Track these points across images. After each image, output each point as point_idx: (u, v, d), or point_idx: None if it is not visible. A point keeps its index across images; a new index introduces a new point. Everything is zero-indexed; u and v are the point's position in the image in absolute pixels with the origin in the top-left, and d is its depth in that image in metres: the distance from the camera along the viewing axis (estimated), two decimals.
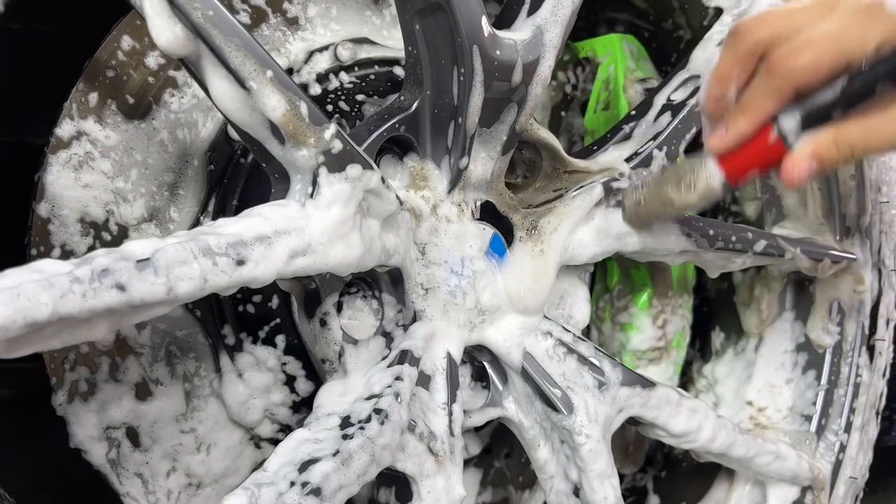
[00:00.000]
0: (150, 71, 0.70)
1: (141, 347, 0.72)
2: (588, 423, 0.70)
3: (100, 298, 0.44)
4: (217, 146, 0.71)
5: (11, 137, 0.83)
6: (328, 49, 0.76)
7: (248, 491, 0.52)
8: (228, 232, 0.50)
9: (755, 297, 0.98)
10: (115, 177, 0.69)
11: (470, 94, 0.63)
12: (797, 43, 0.54)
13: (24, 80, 0.82)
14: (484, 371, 0.75)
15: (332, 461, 0.54)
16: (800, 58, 0.54)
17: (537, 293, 0.72)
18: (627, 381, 0.74)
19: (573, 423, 0.70)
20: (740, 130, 0.59)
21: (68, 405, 0.68)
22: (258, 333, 0.74)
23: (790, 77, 0.54)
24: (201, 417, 0.75)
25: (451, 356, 0.67)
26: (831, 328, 0.94)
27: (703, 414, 0.80)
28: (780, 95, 0.56)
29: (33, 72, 0.83)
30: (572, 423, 0.70)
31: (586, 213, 0.72)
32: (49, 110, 0.68)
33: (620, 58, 0.91)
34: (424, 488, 0.61)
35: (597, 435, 0.71)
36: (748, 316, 0.99)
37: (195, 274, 0.48)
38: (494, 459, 0.92)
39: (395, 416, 0.58)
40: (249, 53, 0.55)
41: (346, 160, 0.57)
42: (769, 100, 0.57)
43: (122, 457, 0.71)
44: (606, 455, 0.72)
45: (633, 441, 1.00)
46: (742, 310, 1.00)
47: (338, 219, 0.56)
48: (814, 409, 0.93)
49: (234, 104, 0.56)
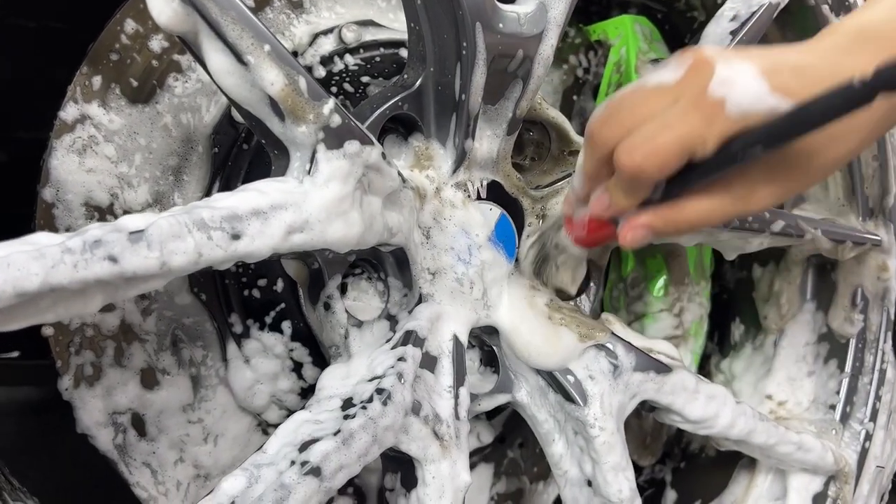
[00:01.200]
0: (153, 54, 0.69)
1: (146, 334, 0.71)
2: (602, 415, 0.69)
3: (91, 269, 0.44)
4: (221, 129, 0.71)
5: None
6: (332, 32, 0.75)
7: (247, 472, 0.51)
8: (223, 205, 0.49)
9: (774, 292, 0.96)
10: (119, 161, 0.69)
11: (472, 71, 0.62)
12: (638, 140, 0.53)
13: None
14: (493, 355, 0.73)
15: (332, 440, 0.53)
16: (642, 155, 0.53)
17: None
18: (641, 366, 0.72)
19: (587, 415, 0.68)
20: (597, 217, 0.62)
21: (74, 390, 0.68)
22: (265, 319, 0.73)
23: (637, 174, 0.54)
24: (209, 408, 0.74)
25: (457, 339, 0.66)
26: (854, 317, 0.92)
27: (722, 400, 0.78)
28: (635, 193, 0.56)
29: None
30: (586, 415, 0.68)
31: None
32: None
33: (632, 39, 0.89)
34: (429, 473, 0.60)
35: (611, 427, 0.69)
36: (767, 311, 0.97)
37: (189, 248, 0.47)
38: (508, 449, 0.91)
39: (398, 397, 0.57)
40: (246, 27, 0.54)
41: (344, 136, 0.56)
42: (627, 199, 0.57)
43: (129, 445, 0.70)
44: (621, 447, 0.70)
45: (650, 432, 0.98)
46: (761, 305, 0.98)
47: (336, 196, 0.55)
48: (837, 399, 0.90)
49: (233, 80, 0.55)
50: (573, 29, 0.92)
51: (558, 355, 0.70)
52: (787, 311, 0.95)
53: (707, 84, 0.51)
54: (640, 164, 0.53)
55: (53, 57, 0.82)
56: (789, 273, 0.95)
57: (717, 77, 0.51)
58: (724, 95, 0.51)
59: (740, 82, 0.51)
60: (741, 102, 0.50)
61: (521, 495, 0.92)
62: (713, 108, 0.51)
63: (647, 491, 1.02)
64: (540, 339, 0.70)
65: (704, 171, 0.54)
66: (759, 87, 0.50)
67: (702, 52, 0.53)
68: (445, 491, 0.60)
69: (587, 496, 0.70)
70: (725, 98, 0.51)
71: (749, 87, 0.50)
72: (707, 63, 0.52)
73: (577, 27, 0.92)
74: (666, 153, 0.52)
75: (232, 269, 0.73)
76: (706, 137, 0.51)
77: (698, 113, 0.51)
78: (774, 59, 0.52)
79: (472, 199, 0.68)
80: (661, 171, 0.53)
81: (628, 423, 0.99)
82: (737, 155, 0.52)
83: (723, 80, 0.51)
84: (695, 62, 0.53)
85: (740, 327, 1.01)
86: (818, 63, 0.52)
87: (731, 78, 0.51)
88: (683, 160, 0.53)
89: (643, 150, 0.53)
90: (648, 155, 0.52)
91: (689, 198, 0.55)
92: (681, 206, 0.56)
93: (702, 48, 0.54)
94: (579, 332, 0.70)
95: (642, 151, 0.53)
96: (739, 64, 0.51)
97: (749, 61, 0.52)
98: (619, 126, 0.55)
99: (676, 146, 0.52)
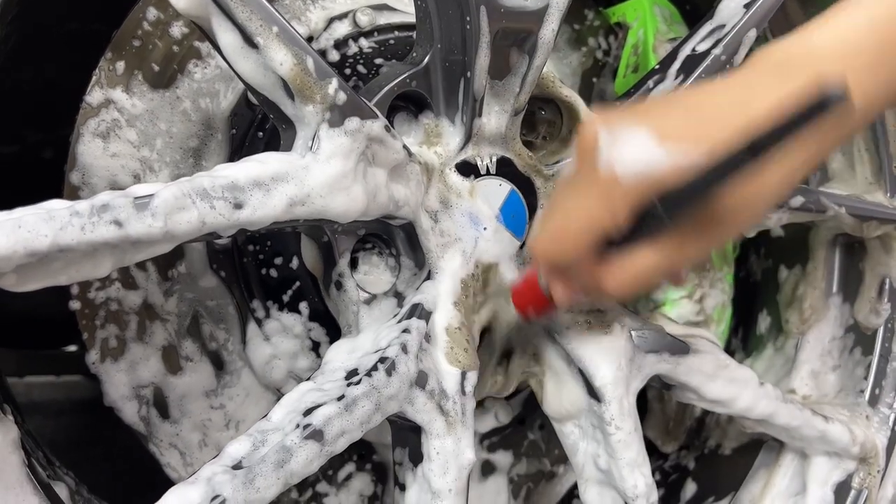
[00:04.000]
0: (174, 40, 0.72)
1: (168, 314, 0.74)
2: (619, 414, 0.68)
3: (97, 232, 0.46)
4: (238, 110, 0.73)
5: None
6: (347, 16, 0.77)
7: (252, 437, 0.53)
8: (224, 174, 0.51)
9: (798, 296, 0.94)
10: (141, 146, 0.71)
11: (477, 53, 0.63)
12: (547, 236, 0.54)
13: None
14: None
15: (335, 405, 0.54)
16: (554, 251, 0.53)
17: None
18: (653, 346, 0.71)
19: (603, 412, 0.68)
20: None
21: (101, 364, 0.71)
22: (283, 298, 0.75)
23: (556, 263, 0.54)
24: (231, 394, 0.77)
25: None
26: (881, 308, 0.89)
27: (743, 383, 0.76)
28: (569, 279, 0.56)
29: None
30: (602, 412, 0.68)
31: None
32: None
33: (651, 20, 0.89)
34: (433, 448, 0.60)
35: (628, 427, 0.68)
36: (790, 315, 0.95)
37: (193, 217, 0.49)
38: (528, 430, 0.91)
39: (402, 368, 0.58)
40: (255, 8, 0.56)
41: (347, 112, 0.57)
42: (565, 288, 0.57)
43: (152, 425, 0.73)
44: (637, 444, 0.69)
45: (673, 416, 0.97)
46: (784, 309, 0.96)
47: (338, 172, 0.56)
48: (865, 384, 0.88)
49: (248, 64, 0.57)
50: (592, 12, 0.92)
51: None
52: (809, 315, 0.93)
53: (596, 163, 0.49)
54: (550, 254, 0.54)
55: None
56: (815, 276, 0.92)
57: (601, 152, 0.48)
58: (614, 167, 0.48)
59: (625, 148, 0.48)
60: (632, 168, 0.47)
61: (541, 476, 0.93)
62: (608, 184, 0.48)
63: (671, 476, 1.00)
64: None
65: (634, 238, 0.51)
66: (646, 144, 0.47)
67: (586, 129, 0.50)
68: (449, 467, 0.60)
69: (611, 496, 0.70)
70: (615, 170, 0.48)
71: (635, 150, 0.47)
72: (590, 140, 0.49)
73: (595, 10, 0.92)
74: (576, 242, 0.51)
75: (250, 249, 0.75)
76: (614, 215, 0.49)
77: (595, 192, 0.49)
78: (666, 109, 0.49)
79: (481, 176, 0.68)
80: (572, 258, 0.53)
81: (651, 407, 1.00)
82: (654, 222, 0.49)
83: (608, 152, 0.48)
84: (581, 145, 0.50)
85: (767, 319, 0.99)
86: (721, 101, 0.49)
87: (616, 146, 0.48)
88: (600, 242, 0.51)
89: (548, 241, 0.53)
90: (554, 244, 0.53)
91: (625, 259, 0.52)
92: (608, 271, 0.53)
93: (586, 122, 0.52)
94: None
95: (548, 242, 0.53)
96: (622, 124, 0.48)
97: (633, 118, 0.49)
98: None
99: (585, 233, 0.51)
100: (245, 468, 0.50)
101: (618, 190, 0.48)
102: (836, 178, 0.89)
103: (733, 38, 0.71)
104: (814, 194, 0.78)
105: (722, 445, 0.96)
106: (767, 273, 1.00)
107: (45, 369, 1.24)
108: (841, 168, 0.89)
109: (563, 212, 0.53)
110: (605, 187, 0.49)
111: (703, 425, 1.00)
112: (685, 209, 0.48)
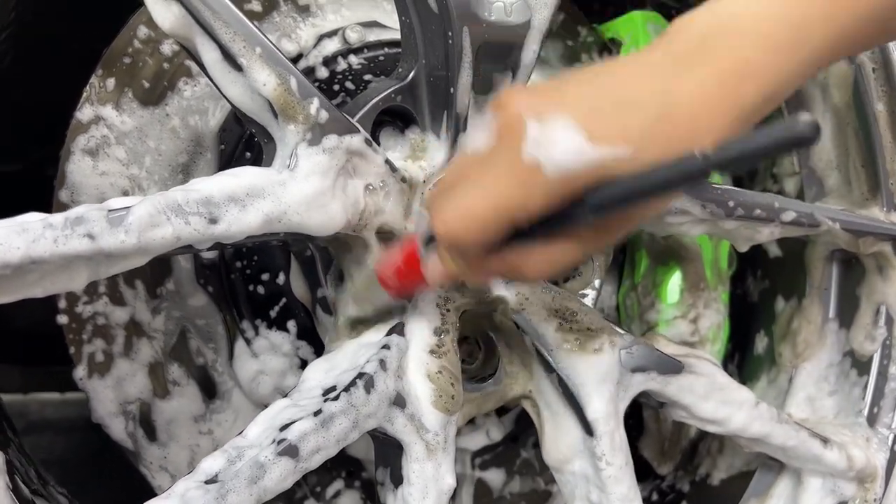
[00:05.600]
0: (165, 57, 0.73)
1: (155, 332, 0.74)
2: (611, 449, 0.67)
3: (70, 245, 0.46)
4: (228, 126, 0.74)
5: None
6: (337, 34, 0.77)
7: (227, 453, 0.53)
8: (198, 188, 0.51)
9: (792, 329, 0.92)
10: (130, 163, 0.72)
11: (459, 73, 0.63)
12: (451, 208, 0.49)
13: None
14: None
15: (311, 420, 0.54)
16: (456, 225, 0.49)
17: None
18: (640, 363, 0.70)
19: (594, 446, 0.67)
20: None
21: (88, 380, 0.71)
22: (270, 315, 0.75)
23: (454, 244, 0.50)
24: (220, 420, 0.76)
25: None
26: (876, 333, 0.87)
27: (738, 405, 0.75)
28: (466, 259, 0.52)
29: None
30: (594, 446, 0.67)
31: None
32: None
33: (643, 37, 0.89)
34: (413, 472, 0.59)
35: (619, 462, 0.67)
36: (783, 349, 0.93)
37: (167, 233, 0.50)
38: (521, 448, 0.90)
39: (381, 385, 0.57)
40: (238, 29, 0.57)
41: (328, 130, 0.58)
42: (460, 266, 0.53)
43: (140, 448, 0.73)
44: (629, 479, 0.68)
45: (668, 437, 0.96)
46: (777, 341, 0.95)
47: (315, 190, 0.56)
48: (863, 404, 0.86)
49: (236, 89, 0.58)
50: (585, 28, 0.92)
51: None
52: (802, 350, 0.92)
53: (520, 147, 0.46)
54: (456, 234, 0.49)
55: None
56: (811, 311, 0.91)
57: (528, 138, 0.46)
58: (539, 157, 0.45)
59: (555, 139, 0.45)
60: (559, 162, 0.45)
61: (535, 496, 0.91)
62: (530, 173, 0.46)
63: (668, 496, 0.99)
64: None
65: (542, 230, 0.49)
66: (576, 140, 0.45)
67: (509, 108, 0.47)
68: (429, 492, 0.59)
69: None
70: (540, 160, 0.45)
71: (565, 143, 0.45)
72: (516, 123, 0.46)
73: (589, 27, 0.92)
74: (482, 222, 0.48)
75: (238, 265, 0.75)
76: (527, 204, 0.47)
77: (514, 179, 0.47)
78: (594, 99, 0.46)
79: None
80: (479, 240, 0.49)
81: (647, 426, 0.98)
82: (571, 217, 0.47)
83: (535, 140, 0.45)
84: (503, 124, 0.48)
85: (764, 339, 0.97)
86: (643, 91, 0.46)
87: (544, 136, 0.45)
88: (504, 227, 0.48)
89: (456, 220, 0.49)
90: (462, 224, 0.48)
91: (534, 247, 0.50)
92: (526, 255, 0.50)
93: (508, 98, 0.48)
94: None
95: (456, 221, 0.49)
96: (553, 116, 0.46)
97: (563, 110, 0.46)
98: (435, 192, 0.52)
99: (492, 214, 0.47)
100: (218, 483, 0.50)
101: (539, 181, 0.46)
102: (832, 194, 0.88)
103: None
104: (806, 207, 0.77)
105: (711, 476, 0.95)
106: (764, 294, 0.99)
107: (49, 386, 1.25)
108: (837, 184, 0.88)
109: (475, 190, 0.48)
110: (526, 176, 0.46)
111: (696, 451, 0.98)
112: (610, 212, 0.47)
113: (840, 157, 0.87)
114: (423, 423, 0.60)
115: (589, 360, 0.69)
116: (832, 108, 0.87)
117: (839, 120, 0.87)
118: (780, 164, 0.91)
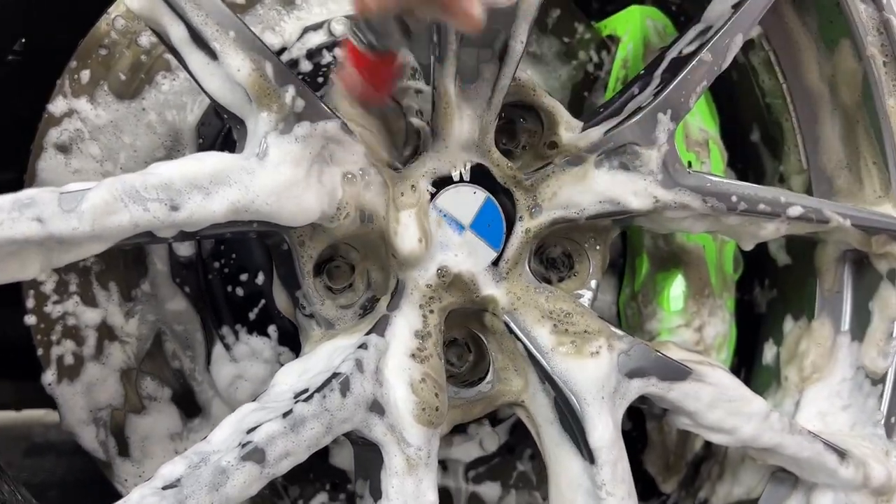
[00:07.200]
0: (143, 49, 0.70)
1: (128, 336, 0.71)
2: (612, 479, 0.63)
3: (17, 229, 0.43)
4: (207, 120, 0.71)
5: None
6: (322, 26, 0.75)
7: (188, 459, 0.49)
8: (157, 172, 0.48)
9: (800, 352, 0.88)
10: (105, 160, 0.69)
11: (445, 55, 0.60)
12: None
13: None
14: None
15: (279, 422, 0.50)
16: None
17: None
18: (638, 368, 0.66)
19: (595, 474, 0.63)
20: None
21: (57, 385, 0.68)
22: (249, 317, 0.72)
23: None
24: (196, 439, 0.73)
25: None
26: (889, 349, 0.83)
27: (747, 416, 0.71)
28: None
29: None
30: (594, 474, 0.63)
31: (584, 179, 0.67)
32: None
33: (641, 32, 0.86)
34: (391, 486, 0.55)
35: (621, 493, 0.63)
36: (788, 372, 0.89)
37: (124, 220, 0.47)
38: (517, 461, 0.85)
39: (357, 388, 0.54)
40: (211, 12, 0.54)
41: (303, 117, 0.55)
42: None
43: (115, 465, 0.70)
44: None
45: (673, 450, 0.91)
46: (784, 364, 0.90)
47: (287, 180, 0.53)
48: (879, 414, 0.82)
49: (215, 82, 0.56)
50: (582, 25, 0.89)
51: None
52: (809, 374, 0.87)
53: None
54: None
55: None
56: (821, 334, 0.87)
57: None
58: None
59: None
60: None
61: None
62: None
63: None
64: None
65: None
66: None
67: None
68: None
69: None
70: None
71: None
72: None
73: (586, 24, 0.89)
74: None
75: (215, 265, 0.72)
76: None
77: None
78: None
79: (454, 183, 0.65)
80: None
81: (651, 439, 0.94)
82: None
83: None
84: None
85: (773, 348, 0.93)
86: None
87: None
88: None
89: None
90: None
91: None
92: None
93: None
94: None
95: None
96: None
97: None
98: None
99: None
100: (175, 489, 0.46)
101: None
102: (841, 193, 0.84)
103: (720, 40, 0.67)
104: (814, 202, 0.73)
105: (709, 501, 0.90)
106: (772, 304, 0.94)
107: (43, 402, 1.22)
108: (847, 183, 0.84)
109: None
110: None
111: (698, 473, 0.93)
112: None
113: (851, 156, 0.84)
114: (404, 437, 0.56)
115: (586, 364, 0.65)
116: (841, 107, 0.83)
117: (849, 119, 0.83)
118: (787, 160, 0.87)
